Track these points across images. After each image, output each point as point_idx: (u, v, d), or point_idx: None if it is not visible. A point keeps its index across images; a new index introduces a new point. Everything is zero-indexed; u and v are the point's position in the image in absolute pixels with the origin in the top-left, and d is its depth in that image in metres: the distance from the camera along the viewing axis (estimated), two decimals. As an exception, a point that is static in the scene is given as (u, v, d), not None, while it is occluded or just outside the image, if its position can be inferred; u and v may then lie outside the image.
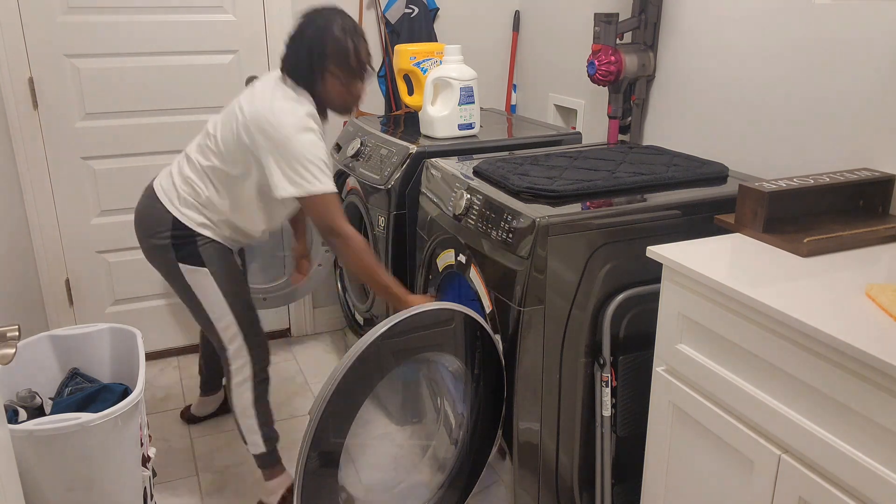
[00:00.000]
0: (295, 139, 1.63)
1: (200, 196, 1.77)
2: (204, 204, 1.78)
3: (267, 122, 1.64)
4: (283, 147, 1.63)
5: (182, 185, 1.79)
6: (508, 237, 1.56)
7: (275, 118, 1.64)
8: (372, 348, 1.44)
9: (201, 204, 1.78)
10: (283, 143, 1.63)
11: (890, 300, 1.09)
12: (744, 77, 1.86)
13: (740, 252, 1.34)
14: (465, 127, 2.30)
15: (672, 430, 1.41)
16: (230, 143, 1.71)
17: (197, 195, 1.77)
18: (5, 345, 0.98)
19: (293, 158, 1.63)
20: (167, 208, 1.78)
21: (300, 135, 1.63)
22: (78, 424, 1.55)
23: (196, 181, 1.77)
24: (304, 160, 1.63)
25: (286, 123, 1.63)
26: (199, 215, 1.78)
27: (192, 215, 1.77)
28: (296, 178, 1.64)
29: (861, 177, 1.48)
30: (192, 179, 1.78)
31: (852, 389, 1.01)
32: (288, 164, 1.64)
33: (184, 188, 1.78)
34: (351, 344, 2.43)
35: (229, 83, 2.64)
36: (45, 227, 2.55)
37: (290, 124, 1.63)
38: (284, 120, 1.64)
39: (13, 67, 2.36)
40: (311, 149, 1.64)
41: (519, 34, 2.96)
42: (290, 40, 1.75)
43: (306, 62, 1.71)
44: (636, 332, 1.63)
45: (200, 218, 1.78)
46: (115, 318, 2.74)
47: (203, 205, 1.78)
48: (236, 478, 2.17)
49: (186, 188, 1.78)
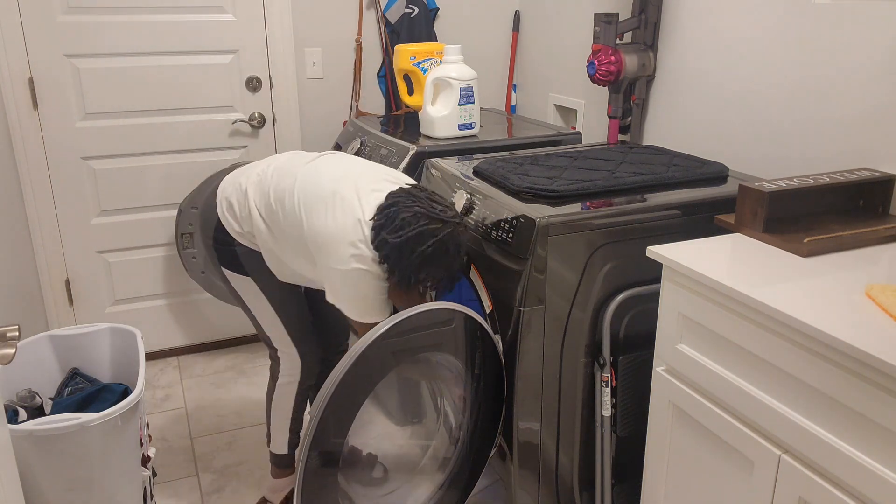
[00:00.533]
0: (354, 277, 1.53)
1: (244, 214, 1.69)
2: (245, 220, 1.69)
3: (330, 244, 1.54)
4: (338, 275, 1.54)
5: (236, 198, 1.71)
6: (508, 237, 1.56)
7: (338, 250, 1.53)
8: (372, 348, 1.44)
9: (243, 218, 1.70)
10: (341, 274, 1.53)
11: (890, 300, 1.09)
12: (744, 77, 1.86)
13: (740, 252, 1.34)
14: (465, 127, 2.30)
15: (672, 430, 1.41)
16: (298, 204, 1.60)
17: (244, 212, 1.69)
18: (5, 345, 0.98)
19: (350, 292, 1.55)
20: (217, 209, 1.73)
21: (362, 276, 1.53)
22: (78, 424, 1.55)
23: (252, 200, 1.69)
24: (361, 297, 1.55)
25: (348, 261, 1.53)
26: (241, 227, 1.71)
27: (234, 225, 1.71)
28: (348, 307, 1.57)
29: (861, 177, 1.48)
30: (250, 197, 1.69)
31: (852, 389, 1.01)
32: (344, 294, 1.56)
33: (237, 202, 1.71)
34: (351, 344, 2.43)
35: (229, 83, 2.64)
36: (45, 227, 2.55)
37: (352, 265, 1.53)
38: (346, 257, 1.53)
39: (13, 67, 2.36)
40: (362, 287, 1.55)
41: (519, 34, 2.96)
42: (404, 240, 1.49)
43: (406, 268, 1.52)
44: (636, 332, 1.63)
45: (238, 227, 1.71)
46: (115, 318, 2.74)
47: (244, 219, 1.70)
48: (236, 478, 2.17)
49: (239, 201, 1.70)
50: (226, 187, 1.75)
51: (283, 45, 2.66)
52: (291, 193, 1.60)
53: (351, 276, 1.53)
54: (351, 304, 1.57)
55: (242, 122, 2.69)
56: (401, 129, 2.46)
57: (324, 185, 1.58)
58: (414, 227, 1.48)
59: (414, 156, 2.13)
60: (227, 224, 1.72)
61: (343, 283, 1.55)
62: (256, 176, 1.70)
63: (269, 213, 1.64)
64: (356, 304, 1.57)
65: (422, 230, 1.49)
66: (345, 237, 1.52)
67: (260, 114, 2.69)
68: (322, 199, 1.56)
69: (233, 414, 2.49)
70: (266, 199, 1.65)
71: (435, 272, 1.53)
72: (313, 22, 2.70)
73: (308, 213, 1.57)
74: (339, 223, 1.53)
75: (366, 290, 1.55)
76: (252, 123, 2.69)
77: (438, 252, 1.50)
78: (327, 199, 1.55)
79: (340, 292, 1.57)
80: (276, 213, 1.63)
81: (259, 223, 1.66)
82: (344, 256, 1.52)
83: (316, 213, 1.55)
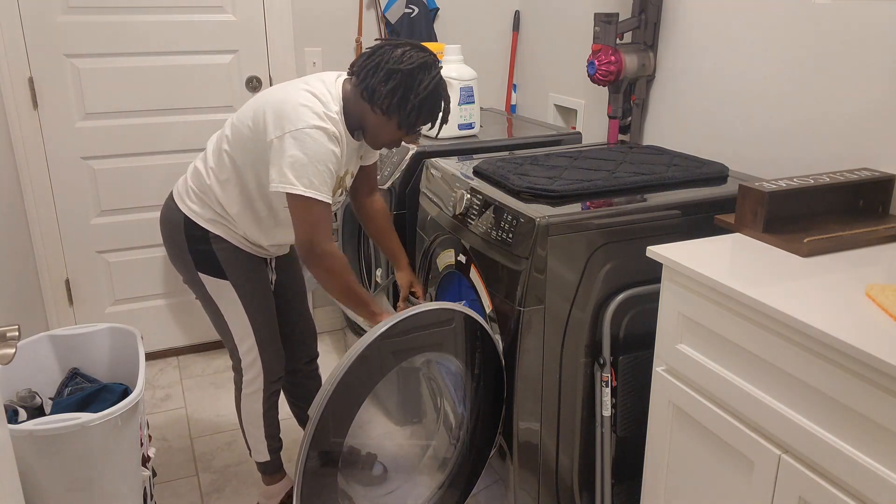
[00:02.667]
0: (306, 134, 1.48)
1: (203, 184, 1.67)
2: (204, 192, 1.67)
3: (283, 109, 1.51)
4: (289, 139, 1.49)
5: (189, 178, 1.71)
6: (508, 237, 1.56)
7: (294, 110, 1.50)
8: (372, 348, 1.44)
9: (203, 192, 1.67)
10: (291, 135, 1.49)
11: (890, 300, 1.09)
12: (744, 77, 1.86)
13: (740, 252, 1.34)
14: (465, 127, 2.30)
15: (672, 430, 1.41)
16: (246, 119, 1.59)
17: (201, 184, 1.67)
18: (5, 345, 0.98)
19: (296, 153, 1.48)
20: (179, 207, 1.69)
21: (314, 132, 1.49)
22: (78, 424, 1.55)
23: (201, 170, 1.68)
24: (307, 160, 1.48)
25: (304, 118, 1.49)
26: (206, 209, 1.67)
27: (199, 210, 1.67)
28: (289, 173, 1.48)
29: (861, 177, 1.48)
30: (199, 169, 1.69)
31: (852, 389, 1.01)
32: (288, 157, 1.49)
33: (191, 180, 1.70)
34: (351, 344, 2.43)
35: (229, 83, 2.64)
36: (45, 227, 2.55)
37: (308, 120, 1.49)
38: (304, 115, 1.50)
39: (13, 67, 2.36)
40: (318, 151, 1.49)
41: (519, 34, 2.96)
42: (394, 70, 1.50)
43: (397, 100, 1.51)
44: (636, 332, 1.63)
45: (208, 213, 1.67)
46: (115, 318, 2.73)
47: (204, 193, 1.67)
48: (236, 478, 2.17)
49: (193, 179, 1.70)
50: (181, 184, 1.74)
51: (283, 45, 2.66)
52: (249, 109, 1.60)
53: (303, 134, 1.48)
54: (290, 167, 1.48)
55: (242, 122, 2.69)
56: (401, 129, 2.45)
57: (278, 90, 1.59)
58: (418, 58, 1.49)
59: (414, 156, 2.13)
60: (193, 215, 1.67)
61: (292, 143, 1.48)
62: (207, 149, 1.72)
63: (221, 162, 1.64)
64: (294, 167, 1.48)
65: (425, 59, 1.50)
66: (307, 102, 1.51)
67: (260, 114, 2.69)
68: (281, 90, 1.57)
69: (233, 414, 2.49)
70: (218, 153, 1.66)
71: (435, 108, 1.55)
72: (313, 22, 2.70)
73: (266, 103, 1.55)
74: (300, 94, 1.53)
75: (314, 150, 1.48)
76: (252, 123, 2.69)
77: (441, 83, 1.53)
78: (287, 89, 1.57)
79: (284, 159, 1.48)
80: (235, 139, 1.61)
81: (223, 172, 1.64)
82: (303, 116, 1.49)
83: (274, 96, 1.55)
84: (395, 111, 1.53)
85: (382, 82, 1.51)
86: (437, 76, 1.53)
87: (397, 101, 1.51)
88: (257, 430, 1.89)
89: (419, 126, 1.58)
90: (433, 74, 1.52)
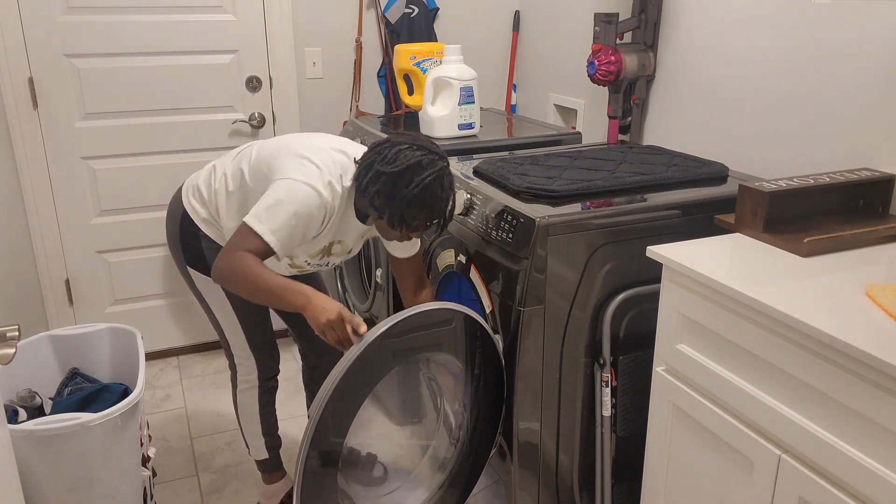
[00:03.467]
0: (301, 188, 1.47)
1: (211, 186, 1.68)
2: (210, 193, 1.68)
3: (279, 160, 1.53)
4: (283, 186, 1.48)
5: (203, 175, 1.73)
6: (508, 237, 1.56)
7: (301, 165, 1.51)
8: (372, 348, 1.44)
9: (208, 193, 1.68)
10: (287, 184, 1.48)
11: (890, 300, 1.09)
12: (744, 77, 1.86)
13: (740, 252, 1.34)
14: (465, 127, 2.30)
15: (672, 430, 1.41)
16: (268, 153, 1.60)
17: (210, 185, 1.69)
18: (5, 345, 0.98)
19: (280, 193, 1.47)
20: (182, 201, 1.72)
21: (309, 191, 1.48)
22: (78, 424, 1.55)
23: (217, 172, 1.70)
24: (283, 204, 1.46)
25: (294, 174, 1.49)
26: (204, 209, 1.69)
27: (198, 208, 1.70)
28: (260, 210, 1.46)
29: (861, 177, 1.48)
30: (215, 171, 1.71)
31: (852, 389, 1.01)
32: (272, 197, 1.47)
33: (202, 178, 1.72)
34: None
35: (229, 83, 2.64)
36: (45, 227, 2.55)
37: (313, 179, 1.49)
38: (309, 172, 1.50)
39: (13, 67, 2.36)
40: (300, 206, 1.47)
41: (519, 34, 2.96)
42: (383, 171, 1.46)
43: (388, 203, 1.46)
44: (636, 332, 1.63)
45: (205, 213, 1.69)
46: (115, 318, 2.74)
47: (209, 194, 1.68)
48: (236, 478, 2.17)
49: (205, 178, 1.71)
50: (194, 178, 1.75)
51: (283, 45, 2.66)
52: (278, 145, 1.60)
53: (293, 187, 1.47)
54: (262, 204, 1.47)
55: (242, 122, 2.69)
56: (401, 129, 2.46)
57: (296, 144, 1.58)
58: (411, 158, 1.46)
59: (414, 156, 2.12)
60: (192, 211, 1.70)
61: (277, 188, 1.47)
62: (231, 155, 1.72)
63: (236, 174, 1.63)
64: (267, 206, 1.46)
65: (420, 159, 1.46)
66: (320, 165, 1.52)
67: (260, 114, 2.69)
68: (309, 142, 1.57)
69: (232, 414, 2.49)
70: (237, 164, 1.66)
71: (425, 210, 1.48)
72: (313, 22, 2.70)
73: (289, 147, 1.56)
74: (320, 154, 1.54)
75: (294, 205, 1.46)
76: (252, 123, 2.69)
77: (433, 185, 1.46)
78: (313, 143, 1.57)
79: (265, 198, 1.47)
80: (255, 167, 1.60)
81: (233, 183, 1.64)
82: (305, 171, 1.49)
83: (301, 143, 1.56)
84: (384, 211, 1.48)
85: (372, 183, 1.47)
86: (428, 177, 1.44)
87: (382, 203, 1.47)
88: (254, 427, 1.90)
89: (414, 225, 1.49)
90: (425, 175, 1.44)
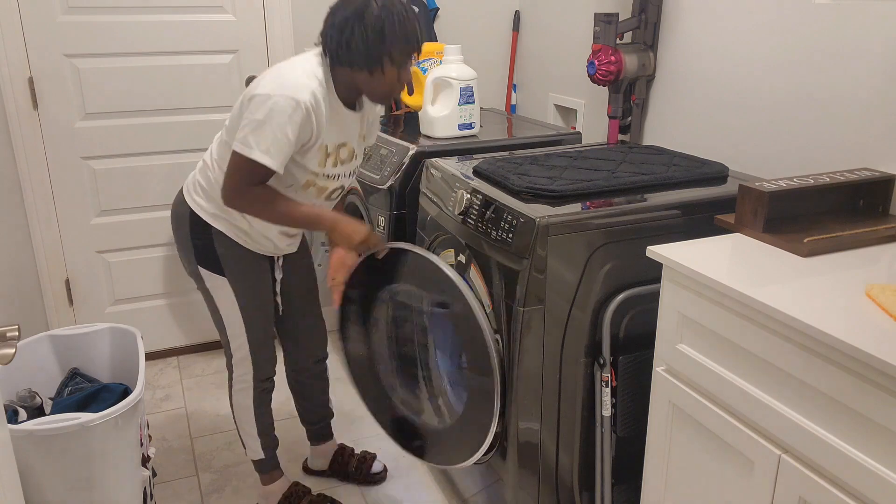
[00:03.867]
0: (274, 100, 1.47)
1: (209, 178, 1.68)
2: (210, 185, 1.68)
3: (262, 82, 1.52)
4: (256, 104, 1.49)
5: (198, 173, 1.72)
6: (508, 237, 1.56)
7: (273, 80, 1.51)
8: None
9: (209, 186, 1.68)
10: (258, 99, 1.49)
11: (890, 300, 1.09)
12: (744, 77, 1.86)
13: (740, 252, 1.34)
14: (465, 127, 2.30)
15: (672, 430, 1.41)
16: (236, 103, 1.61)
17: (207, 178, 1.68)
18: (5, 345, 0.98)
19: (257, 114, 1.47)
20: (186, 201, 1.71)
21: (282, 100, 1.47)
22: (78, 424, 1.55)
23: (208, 163, 1.70)
24: (265, 122, 1.46)
25: (279, 86, 1.49)
26: (210, 203, 1.68)
27: (204, 205, 1.69)
28: (250, 137, 1.47)
29: (861, 177, 1.48)
30: (206, 163, 1.70)
31: (852, 389, 1.01)
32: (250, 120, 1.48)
33: (199, 175, 1.72)
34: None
35: (229, 83, 2.64)
36: (45, 227, 2.55)
37: (279, 88, 1.48)
38: (282, 84, 1.49)
39: (13, 67, 2.36)
40: (279, 117, 1.46)
41: (519, 34, 2.96)
42: (342, 20, 1.49)
43: (362, 46, 1.48)
44: (636, 332, 1.63)
45: (212, 208, 1.68)
46: (115, 318, 2.74)
47: (210, 186, 1.68)
48: (236, 478, 2.17)
49: (200, 174, 1.71)
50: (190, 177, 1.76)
51: (283, 45, 2.66)
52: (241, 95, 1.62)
53: (267, 101, 1.47)
54: (245, 129, 1.48)
55: (242, 122, 2.69)
56: (401, 128, 2.46)
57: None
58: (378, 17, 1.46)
59: (414, 156, 2.13)
60: (198, 209, 1.69)
61: (253, 109, 1.47)
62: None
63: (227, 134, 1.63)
64: (251, 129, 1.47)
65: None
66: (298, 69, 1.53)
67: (260, 114, 2.68)
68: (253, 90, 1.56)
69: (233, 414, 2.49)
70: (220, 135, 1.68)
71: (399, 31, 1.48)
72: (313, 22, 2.70)
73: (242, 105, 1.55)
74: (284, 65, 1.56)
75: (275, 118, 1.46)
76: (252, 123, 2.69)
77: (393, 2, 1.48)
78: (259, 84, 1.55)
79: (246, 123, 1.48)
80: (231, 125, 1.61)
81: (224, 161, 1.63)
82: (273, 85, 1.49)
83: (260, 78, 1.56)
84: (363, 58, 1.49)
85: (338, 34, 1.49)
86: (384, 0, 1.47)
87: (357, 50, 1.47)
88: (250, 427, 1.90)
89: (399, 55, 1.50)
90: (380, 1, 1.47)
